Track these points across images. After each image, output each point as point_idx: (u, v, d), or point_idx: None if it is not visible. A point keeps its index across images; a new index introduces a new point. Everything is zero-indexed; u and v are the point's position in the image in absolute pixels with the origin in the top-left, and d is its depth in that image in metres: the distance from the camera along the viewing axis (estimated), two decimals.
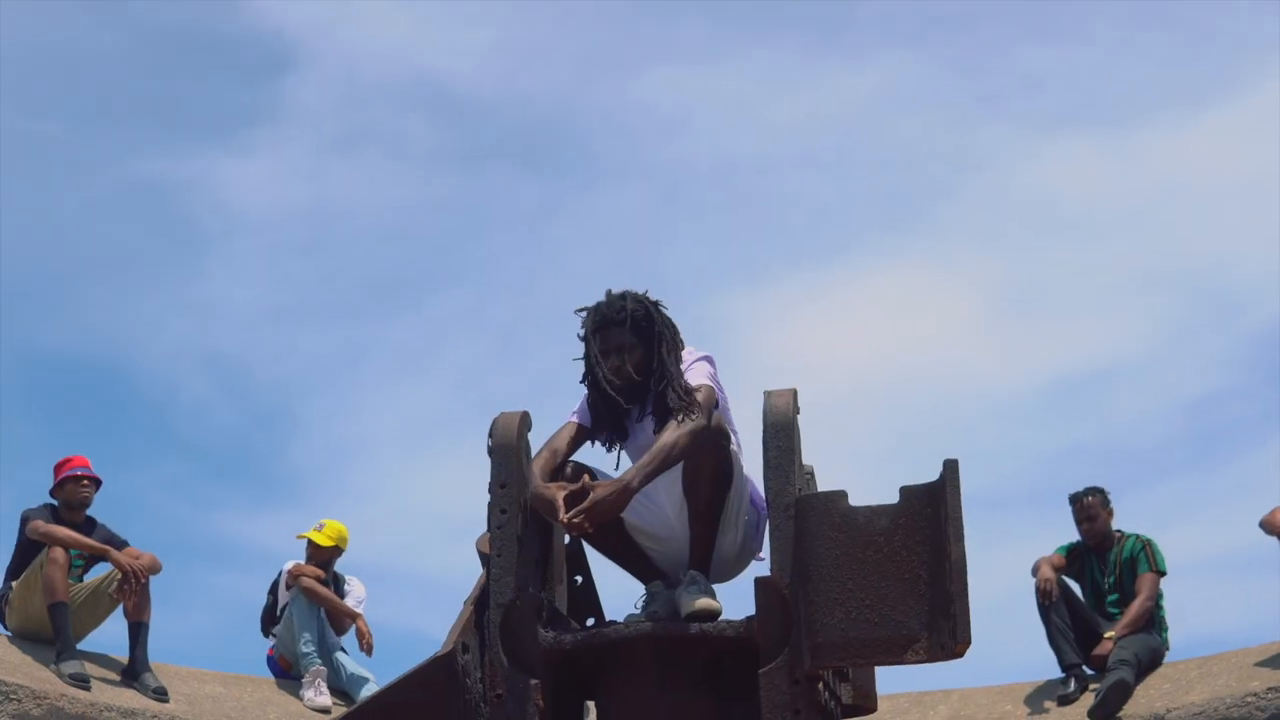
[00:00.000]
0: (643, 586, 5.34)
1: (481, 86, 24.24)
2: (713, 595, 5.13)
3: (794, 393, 5.10)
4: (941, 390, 25.27)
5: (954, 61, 22.78)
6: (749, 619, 4.91)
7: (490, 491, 5.14)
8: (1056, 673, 8.75)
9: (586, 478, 5.04)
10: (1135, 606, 8.60)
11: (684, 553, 5.29)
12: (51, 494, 8.73)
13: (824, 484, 5.37)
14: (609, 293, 5.40)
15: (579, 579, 5.63)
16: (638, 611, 5.25)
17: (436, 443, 27.23)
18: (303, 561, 9.27)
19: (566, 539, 5.49)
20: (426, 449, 27.53)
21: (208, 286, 26.63)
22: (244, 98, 24.64)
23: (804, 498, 4.89)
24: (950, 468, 4.63)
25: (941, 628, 4.61)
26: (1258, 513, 8.50)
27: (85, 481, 8.68)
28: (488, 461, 5.23)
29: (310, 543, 9.26)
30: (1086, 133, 22.28)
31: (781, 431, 4.98)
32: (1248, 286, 21.07)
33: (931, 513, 4.68)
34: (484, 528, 5.26)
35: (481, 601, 5.12)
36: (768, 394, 5.10)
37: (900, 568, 4.70)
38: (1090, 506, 8.84)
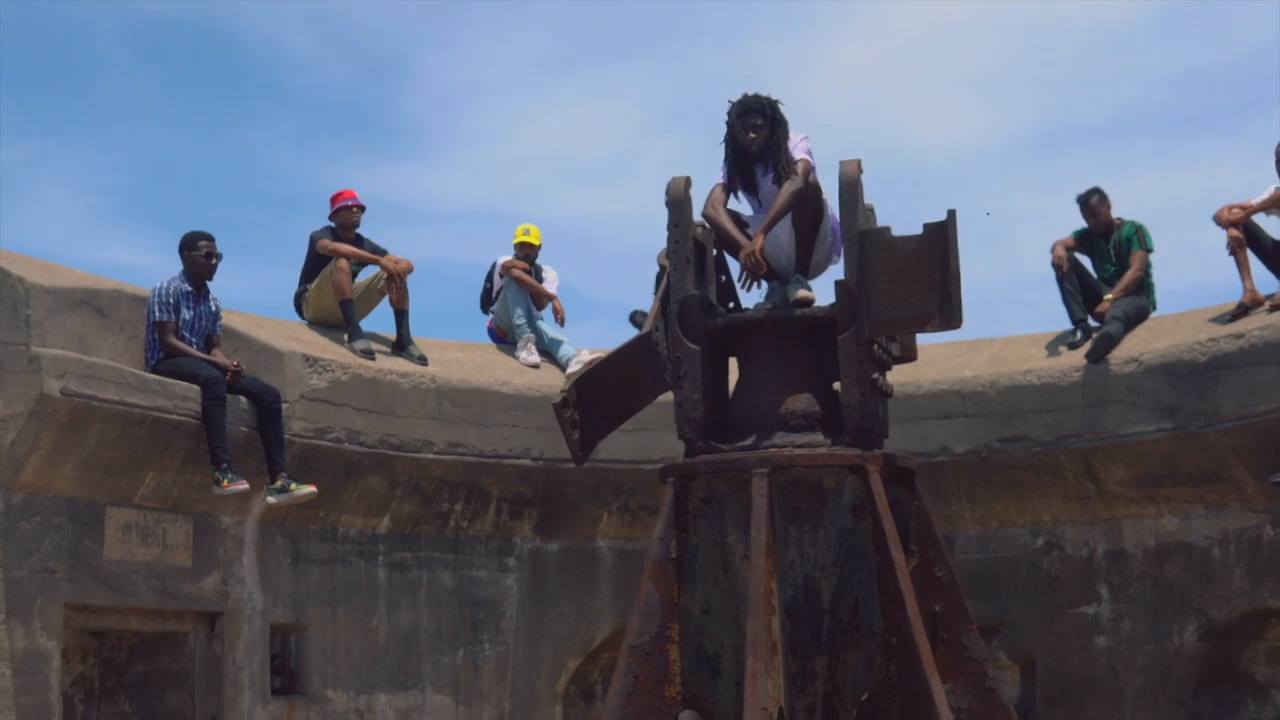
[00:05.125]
0: (765, 285, 8.35)
1: None
2: (810, 289, 8.10)
3: (859, 162, 7.88)
4: (1057, 17, 25.46)
5: None
6: (831, 305, 7.70)
7: (669, 229, 7.92)
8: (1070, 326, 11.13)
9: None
10: (1128, 276, 10.92)
11: (792, 262, 8.20)
12: (330, 218, 11.37)
13: (941, 133, 8.29)
14: (745, 94, 8.18)
15: (723, 278, 8.59)
16: (763, 301, 8.26)
17: (547, 86, 27.37)
18: (512, 256, 12.12)
19: (714, 252, 8.43)
20: (538, 93, 27.90)
21: None
22: None
23: (864, 231, 7.67)
24: (951, 215, 7.42)
25: (948, 310, 7.53)
26: None
27: (355, 209, 11.39)
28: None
29: (520, 244, 12.14)
30: None
31: (850, 188, 7.71)
32: None
33: (941, 240, 7.52)
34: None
35: (665, 298, 8.09)
36: (842, 163, 7.76)
37: (923, 274, 7.41)
38: (1094, 206, 11.17)
